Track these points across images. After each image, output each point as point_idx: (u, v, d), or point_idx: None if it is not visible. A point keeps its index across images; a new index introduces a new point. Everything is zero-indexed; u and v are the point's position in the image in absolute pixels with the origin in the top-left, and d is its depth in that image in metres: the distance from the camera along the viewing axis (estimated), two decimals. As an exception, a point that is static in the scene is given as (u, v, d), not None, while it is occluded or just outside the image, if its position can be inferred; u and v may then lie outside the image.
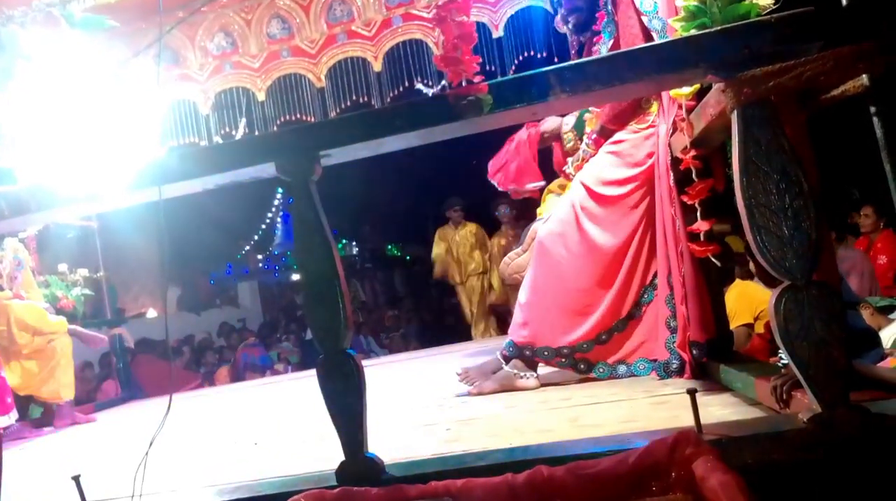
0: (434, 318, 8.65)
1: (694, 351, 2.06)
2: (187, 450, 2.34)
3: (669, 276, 2.18)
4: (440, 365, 3.69)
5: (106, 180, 1.59)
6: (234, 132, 4.99)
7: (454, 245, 6.91)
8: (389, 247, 16.67)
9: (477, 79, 1.43)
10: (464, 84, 1.44)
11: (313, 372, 1.45)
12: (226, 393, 4.62)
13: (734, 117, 1.23)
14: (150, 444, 1.42)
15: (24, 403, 3.86)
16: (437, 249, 6.97)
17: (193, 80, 4.93)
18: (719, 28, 1.27)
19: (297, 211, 1.43)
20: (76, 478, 1.50)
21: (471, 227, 6.94)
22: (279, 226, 15.30)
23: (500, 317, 6.97)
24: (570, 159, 2.65)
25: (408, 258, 15.36)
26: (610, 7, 2.41)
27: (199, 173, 1.46)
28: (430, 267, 7.23)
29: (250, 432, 2.57)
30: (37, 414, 4.06)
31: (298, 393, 3.69)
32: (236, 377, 6.77)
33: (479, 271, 6.89)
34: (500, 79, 1.33)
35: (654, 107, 2.31)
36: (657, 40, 2.14)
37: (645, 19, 2.19)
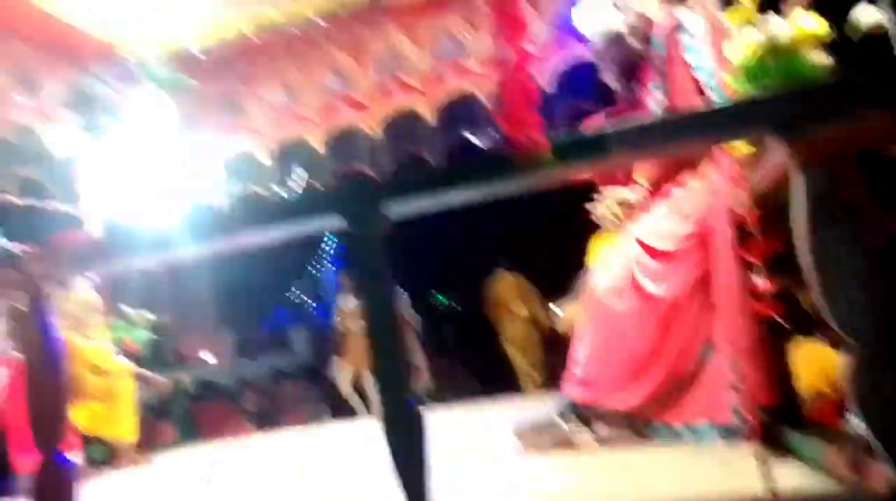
0: (483, 369, 8.56)
1: (759, 413, 1.99)
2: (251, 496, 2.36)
3: (730, 334, 2.12)
4: (491, 418, 3.66)
5: (181, 229, 1.68)
6: (291, 181, 5.16)
7: (501, 296, 7.01)
8: (436, 294, 16.64)
9: (537, 136, 1.48)
10: (525, 141, 1.49)
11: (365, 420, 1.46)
12: (278, 439, 4.66)
13: (798, 177, 1.23)
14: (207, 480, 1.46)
15: (87, 443, 3.97)
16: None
17: (255, 131, 5.13)
18: (783, 89, 1.29)
19: (362, 263, 1.48)
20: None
21: (516, 279, 7.05)
22: (331, 273, 15.54)
23: (553, 370, 6.98)
24: (620, 196, 2.63)
25: (456, 307, 15.30)
26: (661, 63, 2.44)
27: (271, 224, 1.53)
28: (479, 316, 7.28)
29: (303, 478, 2.58)
30: (98, 454, 4.16)
31: (348, 441, 3.70)
32: (288, 423, 6.83)
33: (526, 321, 6.92)
34: (560, 136, 1.37)
35: (705, 161, 2.30)
36: (709, 95, 2.16)
37: (697, 75, 2.22)
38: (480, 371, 8.46)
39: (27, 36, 4.37)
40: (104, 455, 4.09)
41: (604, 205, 2.61)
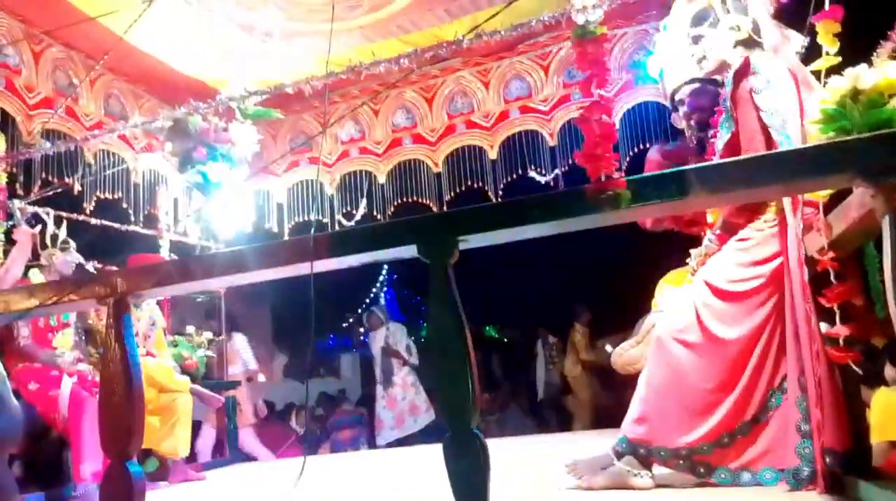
0: (531, 405, 8.49)
1: (828, 460, 1.93)
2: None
3: (801, 378, 2.07)
4: (540, 454, 3.61)
5: (260, 254, 1.75)
6: (354, 211, 5.30)
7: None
8: (487, 327, 16.57)
9: (616, 175, 1.50)
10: (602, 179, 1.51)
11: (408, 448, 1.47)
12: (327, 463, 4.69)
13: (885, 222, 1.21)
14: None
15: (142, 456, 4.08)
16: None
17: (323, 162, 5.32)
18: (869, 134, 1.28)
19: (434, 291, 1.51)
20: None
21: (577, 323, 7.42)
22: (382, 300, 15.71)
23: (604, 409, 6.97)
24: (692, 251, 2.62)
25: (506, 340, 15.21)
26: (728, 103, 2.43)
27: (349, 252, 1.58)
28: (528, 350, 7.47)
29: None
30: (152, 468, 4.27)
31: (397, 468, 3.70)
32: (333, 448, 6.89)
33: (580, 360, 7.19)
34: (638, 175, 1.38)
35: (775, 203, 2.27)
36: (775, 138, 2.14)
37: (764, 115, 2.20)
38: (530, 406, 8.41)
39: (123, 72, 4.70)
40: (157, 469, 4.20)
41: (696, 254, 2.60)
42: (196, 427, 4.85)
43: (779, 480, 2.12)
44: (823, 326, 1.88)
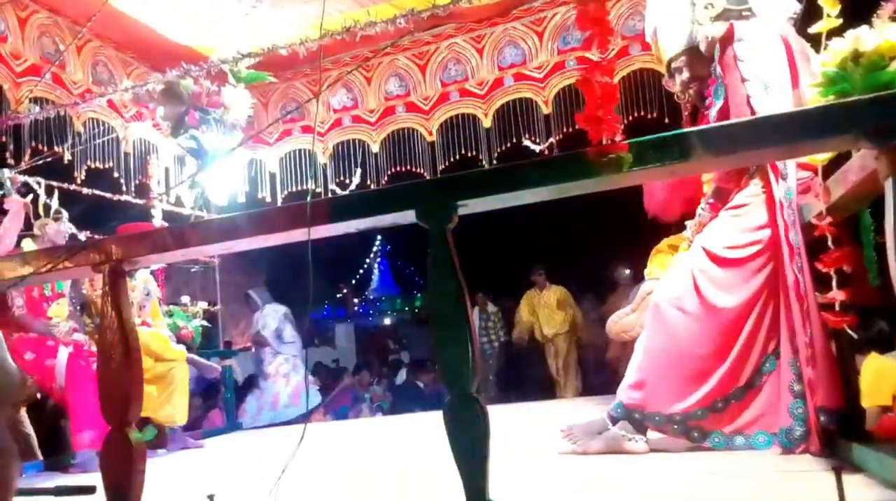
0: (517, 374, 8.56)
1: (822, 418, 1.95)
2: (306, 481, 2.41)
3: (794, 339, 2.09)
4: (529, 420, 3.65)
5: (256, 220, 1.74)
6: (348, 181, 5.27)
7: (539, 307, 7.24)
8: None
9: (618, 137, 1.48)
10: (604, 141, 1.49)
11: (404, 416, 1.48)
12: (323, 430, 4.73)
13: (888, 184, 1.21)
14: (283, 470, 1.50)
15: (140, 425, 4.10)
16: (522, 313, 7.36)
17: (316, 131, 5.26)
18: (874, 95, 1.26)
19: (434, 255, 1.50)
20: (211, 497, 1.59)
21: (555, 290, 7.26)
22: (376, 271, 15.75)
23: (587, 376, 7.14)
24: (688, 223, 2.62)
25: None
26: (719, 71, 2.41)
27: (346, 218, 1.57)
28: (514, 322, 7.50)
29: (356, 469, 2.63)
30: (150, 436, 4.29)
31: (393, 435, 3.73)
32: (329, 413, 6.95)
33: (564, 330, 7.11)
34: (640, 138, 1.36)
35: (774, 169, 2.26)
36: (754, 107, 2.13)
37: (748, 84, 2.19)
38: (516, 376, 8.46)
39: (111, 39, 4.61)
40: (155, 437, 4.23)
41: (691, 224, 2.60)
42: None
43: (772, 443, 2.16)
44: (831, 293, 1.87)
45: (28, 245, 3.69)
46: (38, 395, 3.67)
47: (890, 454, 1.66)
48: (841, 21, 1.78)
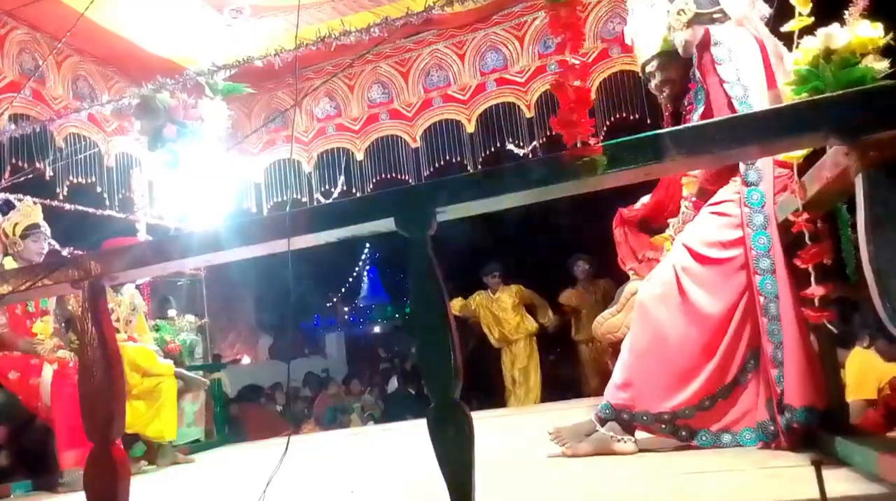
0: (469, 382, 8.43)
1: (804, 417, 1.96)
2: (291, 495, 2.40)
3: (777, 339, 2.10)
4: (519, 422, 3.65)
5: (236, 232, 1.73)
6: (332, 189, 5.27)
7: (494, 310, 6.45)
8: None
9: (592, 141, 1.49)
10: (578, 145, 1.50)
11: (396, 424, 1.48)
12: (314, 441, 4.71)
13: (858, 181, 1.22)
14: (268, 484, 1.49)
15: (128, 441, 4.06)
16: (463, 306, 6.54)
17: (299, 140, 5.26)
18: (842, 92, 1.28)
19: (414, 263, 1.50)
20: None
21: (511, 290, 6.49)
22: (365, 280, 15.71)
23: (552, 383, 6.64)
24: (671, 221, 2.64)
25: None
26: (698, 76, 2.44)
27: (326, 227, 1.57)
28: (468, 328, 6.78)
29: (346, 480, 2.61)
30: (139, 453, 4.26)
31: (386, 443, 3.72)
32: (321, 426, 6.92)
33: (526, 333, 6.42)
34: (615, 140, 1.37)
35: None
36: (736, 108, 2.15)
37: (727, 86, 2.21)
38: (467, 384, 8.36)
39: (91, 53, 4.59)
40: (144, 453, 4.19)
41: (674, 222, 2.62)
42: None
43: (757, 441, 2.17)
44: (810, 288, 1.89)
45: (9, 263, 3.65)
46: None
47: (873, 447, 1.67)
48: (813, 19, 1.80)
